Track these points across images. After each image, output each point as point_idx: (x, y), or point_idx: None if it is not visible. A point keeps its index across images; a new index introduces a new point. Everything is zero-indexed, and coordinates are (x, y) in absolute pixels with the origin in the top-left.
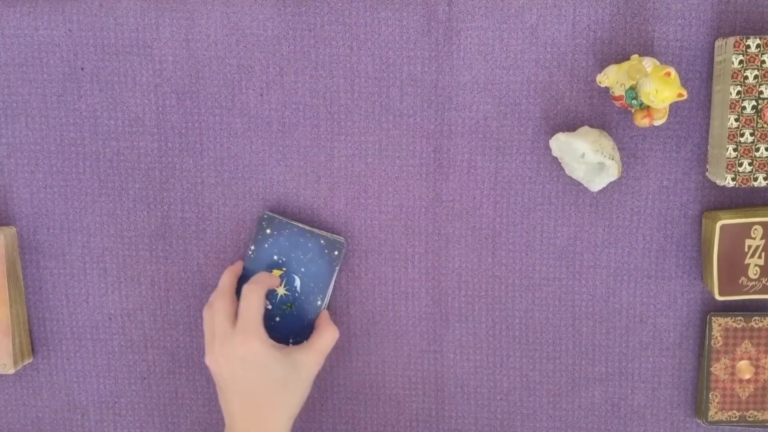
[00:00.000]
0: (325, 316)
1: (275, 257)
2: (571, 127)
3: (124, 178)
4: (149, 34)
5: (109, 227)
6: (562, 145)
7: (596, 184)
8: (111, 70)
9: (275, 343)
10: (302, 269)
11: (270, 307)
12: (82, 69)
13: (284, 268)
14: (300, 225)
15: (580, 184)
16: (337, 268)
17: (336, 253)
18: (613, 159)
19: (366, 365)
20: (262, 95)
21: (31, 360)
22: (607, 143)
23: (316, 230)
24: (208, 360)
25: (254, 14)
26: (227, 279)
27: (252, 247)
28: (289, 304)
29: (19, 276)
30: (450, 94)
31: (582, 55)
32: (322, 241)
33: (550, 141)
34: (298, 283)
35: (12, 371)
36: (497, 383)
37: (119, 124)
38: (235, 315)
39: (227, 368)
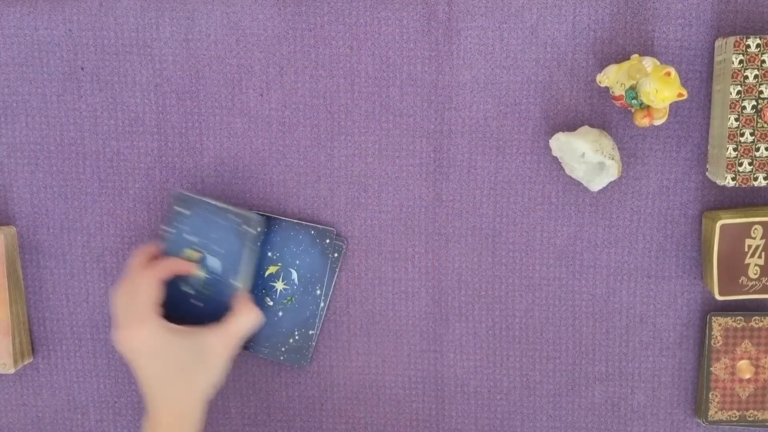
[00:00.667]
0: (244, 298)
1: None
2: (571, 126)
3: (124, 178)
4: (149, 33)
5: (109, 227)
6: (562, 144)
7: (596, 184)
8: (111, 70)
9: (174, 326)
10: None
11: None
12: (82, 69)
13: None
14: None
15: (580, 184)
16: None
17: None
18: (613, 159)
19: (366, 365)
20: (262, 95)
21: (31, 360)
22: (607, 143)
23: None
24: (118, 343)
25: (254, 14)
26: (133, 261)
27: (170, 229)
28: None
29: (19, 276)
30: (450, 94)
31: (582, 55)
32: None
33: (550, 141)
34: (295, 276)
35: (12, 371)
36: (497, 383)
37: (119, 124)
38: (142, 299)
39: (127, 355)
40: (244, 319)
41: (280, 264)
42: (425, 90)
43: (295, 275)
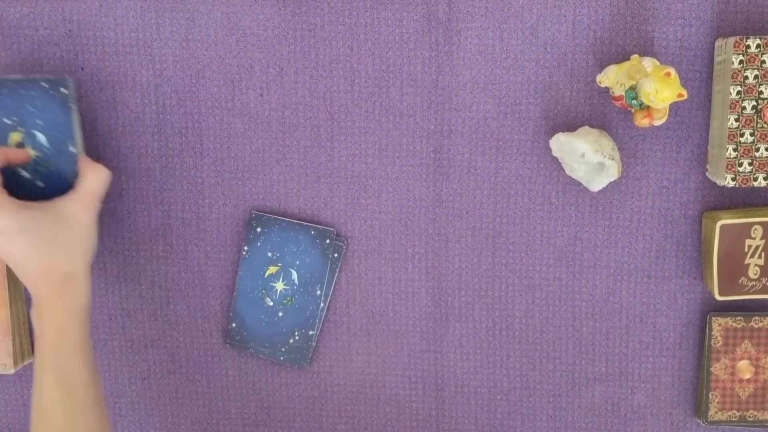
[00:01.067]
0: (85, 160)
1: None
2: (571, 127)
3: (124, 178)
4: (149, 34)
5: (109, 227)
6: (562, 145)
7: (596, 184)
8: (111, 70)
9: (26, 203)
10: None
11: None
12: (82, 69)
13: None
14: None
15: (580, 184)
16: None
17: (328, 241)
18: (613, 159)
19: (366, 365)
20: (262, 95)
21: (31, 360)
22: (607, 143)
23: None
24: None
25: (254, 14)
26: None
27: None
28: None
29: None
30: (450, 94)
31: (582, 55)
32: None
33: (550, 141)
34: (295, 276)
35: (12, 371)
36: (497, 383)
37: (119, 124)
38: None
39: None
40: (93, 177)
41: (280, 264)
42: (425, 90)
43: (295, 275)
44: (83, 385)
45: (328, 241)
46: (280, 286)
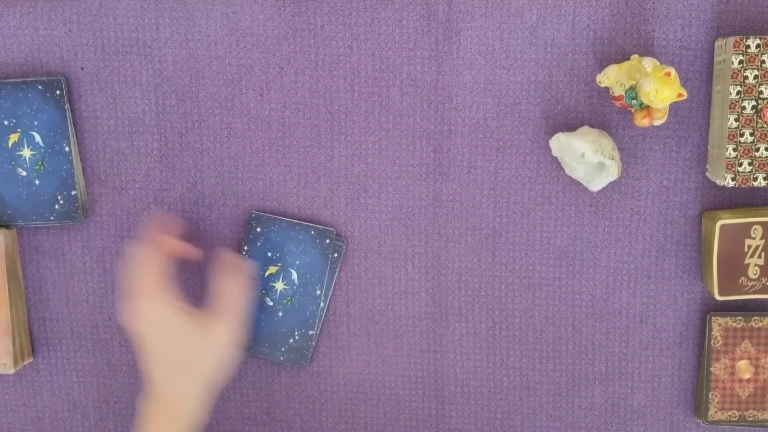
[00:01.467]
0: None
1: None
2: (571, 127)
3: (124, 178)
4: (149, 33)
5: (109, 227)
6: (562, 145)
7: (596, 184)
8: (111, 70)
9: (188, 308)
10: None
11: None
12: (82, 69)
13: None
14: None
15: (580, 184)
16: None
17: (328, 241)
18: (612, 159)
19: (366, 365)
20: (262, 95)
21: (31, 360)
22: (607, 143)
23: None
24: (125, 317)
25: (254, 14)
26: (161, 239)
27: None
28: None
29: (19, 276)
30: (450, 94)
31: (582, 55)
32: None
33: (550, 141)
34: (295, 276)
35: (12, 371)
36: (497, 383)
37: (119, 124)
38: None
39: (136, 330)
40: (232, 293)
41: (279, 264)
42: (425, 90)
43: (294, 275)
44: None
45: (327, 240)
46: (280, 286)
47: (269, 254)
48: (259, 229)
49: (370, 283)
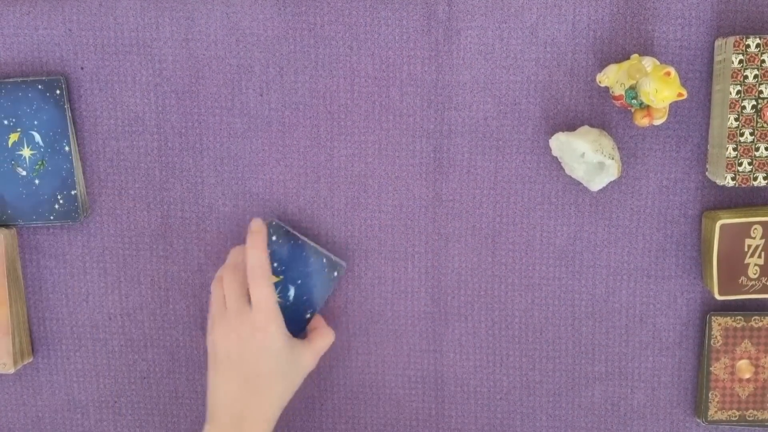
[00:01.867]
0: (320, 319)
1: (275, 264)
2: (571, 126)
3: (124, 178)
4: (149, 33)
5: (109, 227)
6: (562, 144)
7: (596, 184)
8: (111, 70)
9: (287, 332)
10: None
11: (24, 173)
12: (82, 69)
13: (281, 276)
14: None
15: (580, 183)
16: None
17: (336, 274)
18: (612, 158)
19: (366, 365)
20: (262, 95)
21: (31, 359)
22: (607, 143)
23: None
24: (217, 334)
25: (254, 14)
26: (240, 256)
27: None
28: (41, 162)
29: (19, 276)
30: (450, 94)
31: (582, 54)
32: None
33: (550, 141)
34: (292, 293)
35: (12, 371)
36: (497, 383)
37: (119, 124)
38: (246, 294)
39: (237, 346)
40: (328, 338)
41: (281, 277)
42: (425, 90)
43: (292, 292)
44: None
45: (336, 273)
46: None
47: (275, 264)
48: (274, 238)
49: (370, 282)
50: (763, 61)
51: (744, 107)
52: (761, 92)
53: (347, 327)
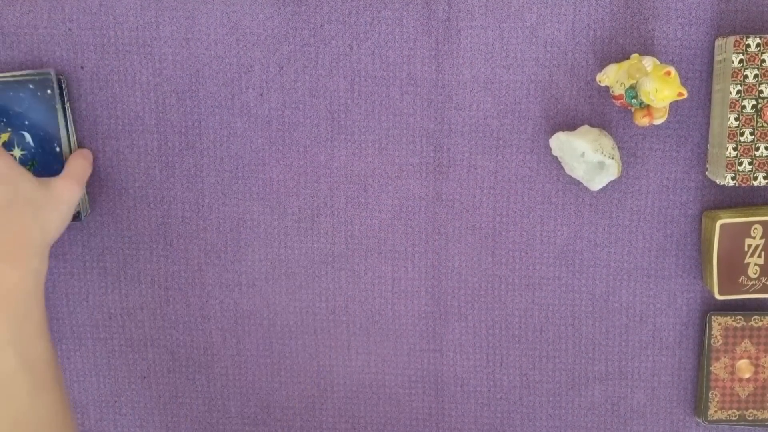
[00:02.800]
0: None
1: None
2: (571, 126)
3: (124, 178)
4: (149, 32)
5: (109, 227)
6: (562, 144)
7: (596, 183)
8: (111, 69)
9: (35, 179)
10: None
11: None
12: (82, 68)
13: (9, 130)
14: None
15: (580, 183)
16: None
17: (49, 92)
18: (613, 158)
19: (366, 364)
20: (262, 95)
21: None
22: (607, 142)
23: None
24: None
25: (254, 14)
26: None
27: None
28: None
29: None
30: (450, 94)
31: (582, 54)
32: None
33: (550, 140)
34: (29, 138)
35: None
36: (497, 382)
37: (119, 123)
38: None
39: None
40: (77, 160)
41: (9, 130)
42: (425, 90)
43: (29, 138)
44: (46, 365)
45: (49, 91)
46: (17, 153)
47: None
48: None
49: (370, 282)
50: (764, 61)
51: (744, 107)
52: (761, 92)
53: (347, 327)
